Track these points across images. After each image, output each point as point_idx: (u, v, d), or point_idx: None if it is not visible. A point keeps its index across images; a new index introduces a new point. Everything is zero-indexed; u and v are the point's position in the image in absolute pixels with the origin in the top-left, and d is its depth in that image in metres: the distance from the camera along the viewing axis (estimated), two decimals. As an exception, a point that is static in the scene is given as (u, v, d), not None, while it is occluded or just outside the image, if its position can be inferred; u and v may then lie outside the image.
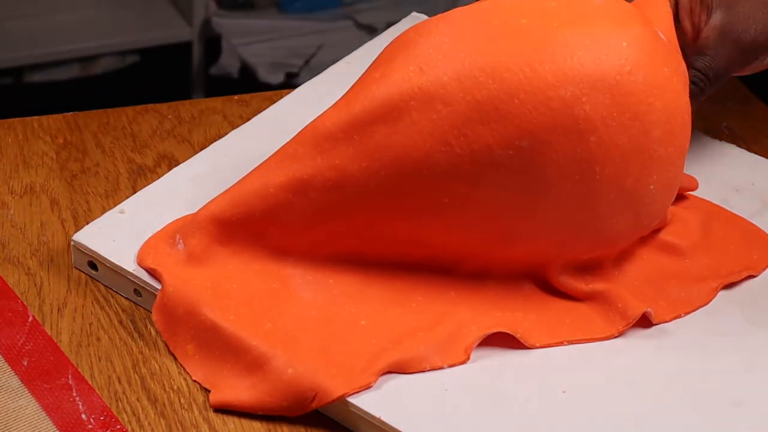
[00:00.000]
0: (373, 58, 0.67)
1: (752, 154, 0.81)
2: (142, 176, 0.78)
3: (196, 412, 0.61)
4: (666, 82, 0.62)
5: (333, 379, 0.60)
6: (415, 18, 0.92)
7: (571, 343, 0.64)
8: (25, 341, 0.64)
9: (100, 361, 0.63)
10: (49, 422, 0.59)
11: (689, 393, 0.61)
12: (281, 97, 0.84)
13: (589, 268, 0.66)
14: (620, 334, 0.64)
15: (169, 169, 0.76)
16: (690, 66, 0.70)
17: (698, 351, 0.64)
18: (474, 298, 0.65)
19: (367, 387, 0.60)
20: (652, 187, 0.63)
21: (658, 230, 0.70)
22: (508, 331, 0.63)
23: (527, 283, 0.66)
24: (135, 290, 0.67)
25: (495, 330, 0.63)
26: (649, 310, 0.64)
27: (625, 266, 0.68)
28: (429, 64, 0.62)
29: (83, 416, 0.60)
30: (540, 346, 0.64)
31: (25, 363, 0.62)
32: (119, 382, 0.62)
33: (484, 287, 0.65)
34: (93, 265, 0.68)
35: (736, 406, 0.60)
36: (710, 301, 0.67)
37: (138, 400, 0.61)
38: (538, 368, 0.62)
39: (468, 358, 0.62)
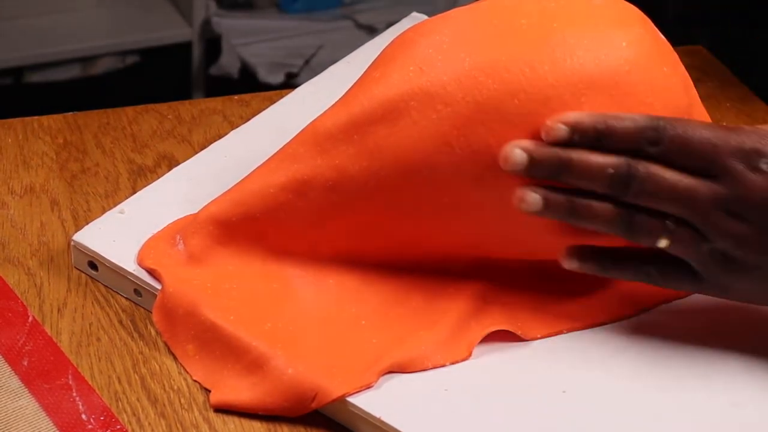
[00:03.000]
0: (373, 58, 0.67)
1: (752, 154, 0.81)
2: (142, 176, 0.78)
3: (196, 412, 0.61)
4: (666, 82, 0.62)
5: (333, 379, 0.60)
6: (415, 18, 0.92)
7: (570, 331, 0.64)
8: (25, 341, 0.64)
9: (100, 361, 0.64)
10: (49, 422, 0.59)
11: (689, 393, 0.61)
12: (281, 97, 0.84)
13: None
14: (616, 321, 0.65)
15: (169, 169, 0.76)
16: None
17: (698, 351, 0.64)
18: (473, 295, 0.65)
19: (368, 387, 0.60)
20: (651, 187, 0.63)
21: None
22: (509, 329, 0.63)
23: (526, 277, 0.66)
24: (135, 290, 0.67)
25: (496, 328, 0.63)
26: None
27: None
28: (429, 64, 0.62)
29: (83, 416, 0.60)
30: (540, 337, 0.64)
31: (25, 363, 0.62)
32: (119, 382, 0.62)
33: (483, 282, 0.65)
34: (93, 265, 0.68)
35: (736, 406, 0.60)
36: None
37: (138, 400, 0.61)
38: (538, 368, 0.62)
39: (470, 355, 0.62)
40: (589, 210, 0.60)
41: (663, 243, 0.59)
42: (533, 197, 0.60)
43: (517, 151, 0.59)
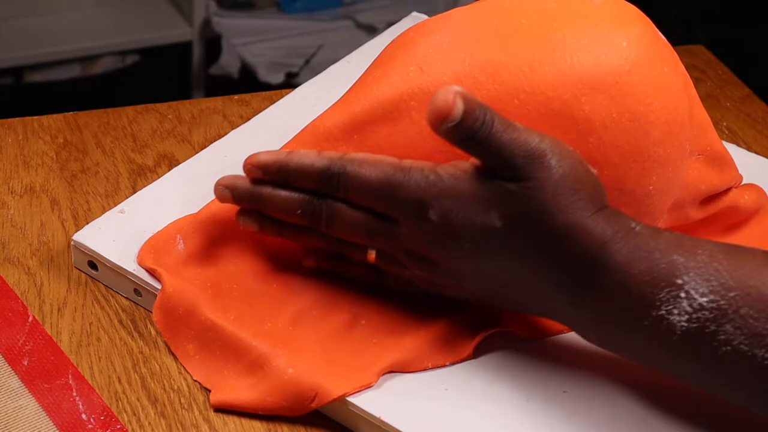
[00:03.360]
0: (373, 58, 0.67)
1: (752, 154, 0.81)
2: (142, 176, 0.78)
3: (197, 412, 0.61)
4: (666, 82, 0.62)
5: (333, 379, 0.60)
6: (415, 18, 0.92)
7: (570, 330, 0.64)
8: (25, 341, 0.64)
9: (100, 360, 0.64)
10: (49, 422, 0.59)
11: (689, 393, 0.61)
12: (281, 97, 0.84)
13: None
14: None
15: (169, 169, 0.76)
16: None
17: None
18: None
19: (368, 387, 0.60)
20: (651, 187, 0.63)
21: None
22: (509, 329, 0.63)
23: None
24: (135, 290, 0.67)
25: (496, 328, 0.63)
26: None
27: None
28: (429, 64, 0.62)
29: (83, 416, 0.60)
30: (540, 337, 0.64)
31: (25, 363, 0.62)
32: (119, 381, 0.62)
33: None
34: (93, 265, 0.68)
35: (735, 407, 0.60)
36: None
37: (138, 399, 0.61)
38: (538, 368, 0.62)
39: (470, 355, 0.62)
40: (299, 237, 0.64)
41: (372, 257, 0.62)
42: (244, 222, 0.65)
43: (219, 188, 0.64)
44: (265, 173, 0.62)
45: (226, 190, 0.64)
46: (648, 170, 0.62)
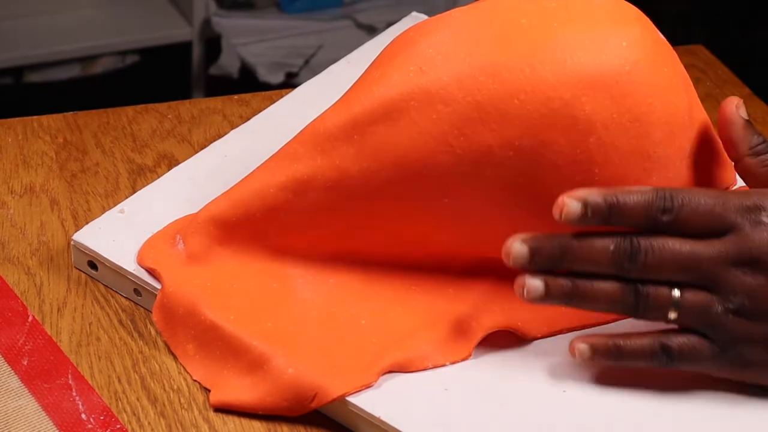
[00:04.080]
0: (373, 58, 0.67)
1: (752, 155, 0.81)
2: (142, 176, 0.78)
3: (196, 412, 0.61)
4: (666, 83, 0.62)
5: (333, 379, 0.60)
6: (415, 18, 0.92)
7: (570, 331, 0.64)
8: (25, 341, 0.64)
9: (99, 360, 0.64)
10: (49, 422, 0.59)
11: (689, 393, 0.61)
12: (281, 97, 0.84)
13: None
14: (614, 320, 0.65)
15: (169, 169, 0.76)
16: None
17: (698, 351, 0.64)
18: (473, 294, 0.65)
19: (368, 386, 0.60)
20: (652, 187, 0.63)
21: None
22: (509, 328, 0.63)
23: None
24: (135, 290, 0.67)
25: (496, 328, 0.63)
26: None
27: None
28: (429, 64, 0.62)
29: (83, 416, 0.60)
30: (540, 337, 0.64)
31: (25, 363, 0.62)
32: (119, 381, 0.62)
33: (483, 282, 0.65)
34: (93, 265, 0.68)
35: (737, 405, 0.60)
36: None
37: (138, 399, 0.61)
38: (538, 368, 0.62)
39: (470, 355, 0.62)
40: (592, 291, 0.58)
41: (672, 315, 0.58)
42: (535, 285, 0.58)
43: (516, 245, 0.58)
44: (589, 207, 0.58)
45: (523, 247, 0.58)
46: (648, 171, 0.62)
